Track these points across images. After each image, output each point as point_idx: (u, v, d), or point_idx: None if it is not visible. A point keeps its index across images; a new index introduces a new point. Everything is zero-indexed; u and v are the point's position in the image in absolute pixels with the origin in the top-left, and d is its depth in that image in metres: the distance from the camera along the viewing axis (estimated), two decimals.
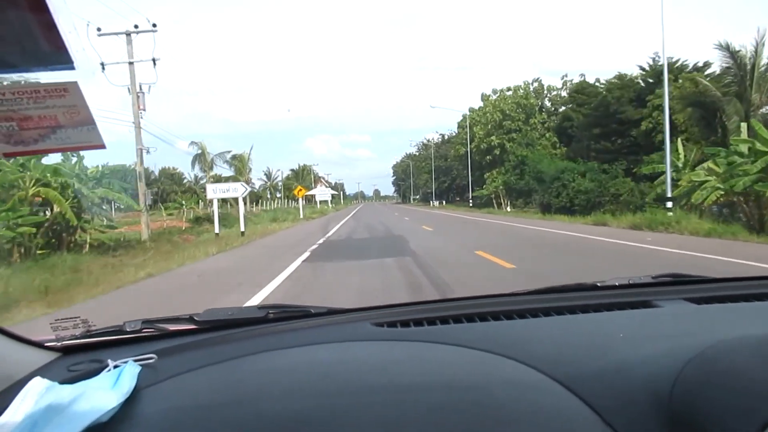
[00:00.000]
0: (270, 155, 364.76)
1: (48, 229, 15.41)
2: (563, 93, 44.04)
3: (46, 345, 1.02)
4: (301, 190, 35.44)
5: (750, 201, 13.17)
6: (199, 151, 41.24)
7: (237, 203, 50.15)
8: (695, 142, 21.29)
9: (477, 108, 47.49)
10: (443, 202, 68.60)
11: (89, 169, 17.16)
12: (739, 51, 18.88)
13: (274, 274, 7.90)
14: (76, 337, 1.07)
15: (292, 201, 57.09)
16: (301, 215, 34.25)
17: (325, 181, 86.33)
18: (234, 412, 0.75)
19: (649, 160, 24.45)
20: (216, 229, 19.08)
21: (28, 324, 5.11)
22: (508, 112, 42.04)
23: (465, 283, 6.48)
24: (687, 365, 0.74)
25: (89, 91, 0.84)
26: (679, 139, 20.13)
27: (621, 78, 31.87)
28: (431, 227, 19.82)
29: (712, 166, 16.84)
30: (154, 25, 19.37)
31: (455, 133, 61.90)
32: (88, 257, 13.85)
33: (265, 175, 75.51)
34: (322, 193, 55.00)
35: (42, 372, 0.90)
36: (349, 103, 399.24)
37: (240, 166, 51.95)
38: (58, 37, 0.64)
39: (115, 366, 0.87)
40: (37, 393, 0.72)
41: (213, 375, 0.90)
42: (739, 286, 1.30)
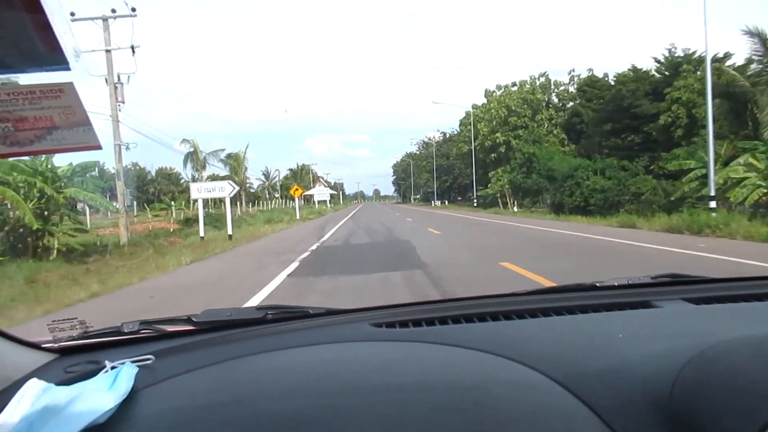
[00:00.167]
0: (270, 155, 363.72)
1: (9, 233, 13.91)
2: (571, 88, 42.14)
3: (43, 346, 1.01)
4: (297, 190, 33.66)
5: None
6: (191, 149, 39.25)
7: (233, 203, 48.81)
8: (724, 137, 19.61)
9: (480, 104, 45.72)
10: (445, 202, 66.55)
11: (61, 168, 15.61)
12: None
13: (247, 295, 6.15)
14: (74, 338, 1.06)
15: (290, 201, 55.66)
16: (297, 216, 32.45)
17: (324, 181, 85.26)
18: (232, 412, 0.75)
19: (669, 156, 22.79)
20: (201, 232, 17.34)
21: (25, 325, 4.99)
22: (513, 108, 39.99)
23: None
24: (686, 365, 0.74)
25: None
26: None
27: (635, 71, 30.10)
28: (438, 230, 17.82)
29: (752, 161, 15.19)
30: (133, 10, 17.77)
31: (457, 132, 60.18)
32: (52, 265, 12.50)
33: (263, 174, 74.52)
34: (321, 192, 54.12)
35: (39, 373, 0.88)
36: (349, 103, 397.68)
37: (235, 165, 50.33)
38: (54, 38, 0.64)
39: (113, 367, 0.86)
40: (34, 394, 0.72)
41: (211, 376, 0.89)
42: (739, 286, 1.29)
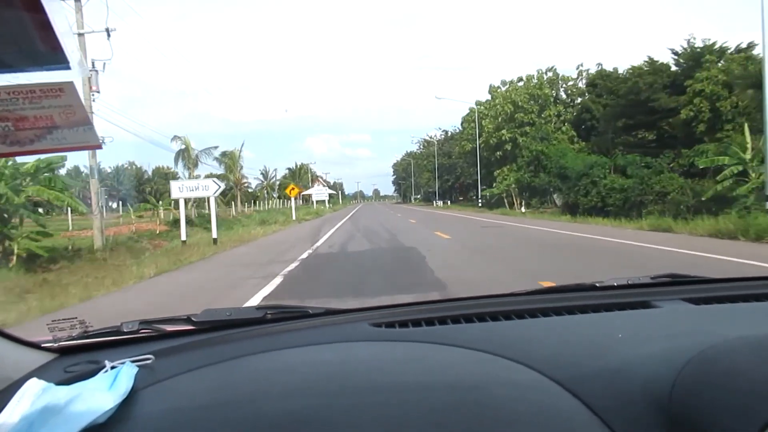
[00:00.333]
0: (270, 155, 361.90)
1: None
2: (580, 83, 40.38)
3: (42, 346, 1.01)
4: (293, 190, 31.91)
5: None
6: (183, 146, 37.53)
7: (227, 203, 46.47)
8: (758, 131, 17.87)
9: (484, 101, 43.94)
10: (448, 202, 64.68)
11: (27, 164, 13.87)
12: None
13: None
14: (73, 338, 1.06)
15: (288, 201, 54.02)
16: (293, 217, 30.72)
17: (323, 181, 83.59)
18: (232, 412, 0.75)
19: (692, 152, 21.08)
20: (182, 236, 15.59)
21: (25, 325, 4.97)
22: (520, 104, 38.19)
23: None
24: (686, 366, 0.74)
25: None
26: (746, 126, 16.70)
27: (651, 63, 28.36)
28: (447, 233, 15.87)
29: None
30: None
31: (459, 130, 58.44)
32: (7, 274, 10.82)
33: (261, 174, 72.88)
34: (319, 192, 52.53)
35: (38, 373, 0.88)
36: (349, 103, 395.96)
37: (230, 164, 48.62)
38: (54, 38, 0.64)
39: (112, 367, 0.86)
40: (34, 394, 0.72)
41: (211, 375, 0.89)
42: (738, 286, 1.29)
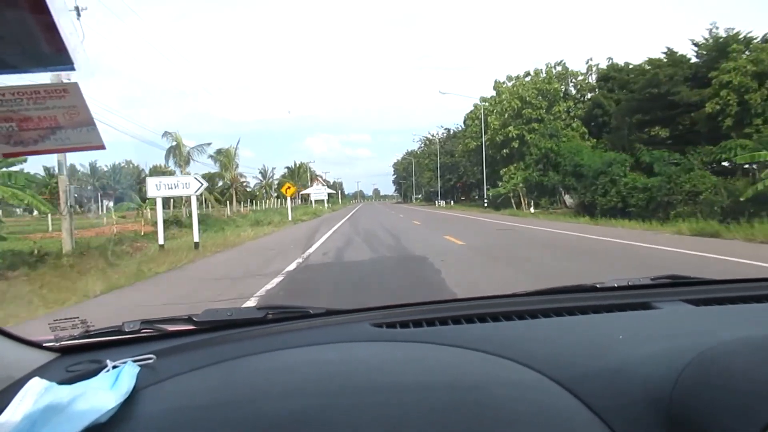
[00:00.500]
0: (270, 155, 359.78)
1: None
2: (589, 78, 38.56)
3: (44, 345, 1.01)
4: (289, 188, 30.07)
5: None
6: (173, 143, 35.75)
7: (224, 203, 44.37)
8: None
9: (489, 97, 42.14)
10: (451, 202, 62.78)
11: None
12: None
13: None
14: (75, 338, 1.05)
15: (288, 200, 52.25)
16: (289, 217, 28.94)
17: (323, 180, 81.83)
18: (233, 412, 0.74)
19: (718, 149, 19.33)
20: (160, 239, 13.83)
21: (27, 324, 4.93)
22: (528, 99, 36.42)
23: None
24: (686, 367, 0.73)
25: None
26: None
27: (671, 54, 26.58)
28: (458, 238, 13.76)
29: None
30: None
31: (461, 128, 56.59)
32: None
33: (260, 173, 71.12)
34: (318, 192, 50.83)
35: (40, 372, 0.88)
36: (349, 103, 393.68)
37: (226, 162, 46.82)
38: (59, 39, 0.64)
39: (114, 366, 0.86)
40: (36, 393, 0.71)
41: (212, 375, 0.89)
42: (738, 287, 1.28)
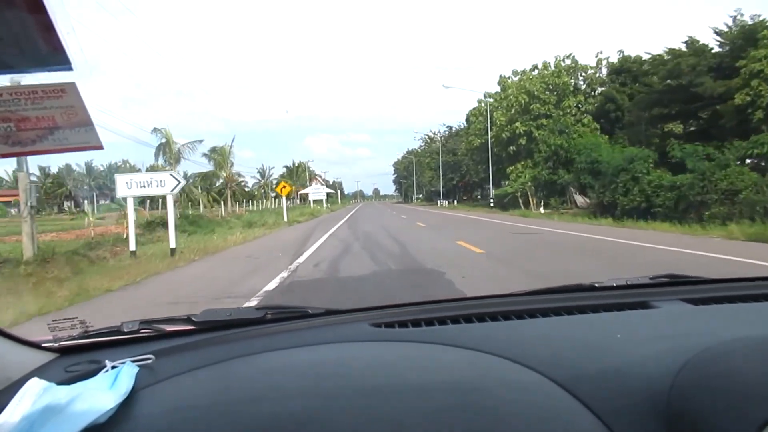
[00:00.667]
0: (270, 155, 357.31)
1: None
2: (599, 73, 36.80)
3: (43, 346, 1.00)
4: (285, 188, 28.28)
5: None
6: (163, 139, 34.01)
7: (219, 202, 42.51)
8: None
9: (494, 92, 40.41)
10: (454, 202, 60.99)
11: None
12: None
13: None
14: (74, 338, 1.05)
15: (287, 200, 50.68)
16: (284, 218, 27.19)
17: (322, 179, 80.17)
18: (232, 412, 0.74)
19: (749, 144, 17.63)
20: (131, 245, 12.06)
21: (25, 325, 4.85)
22: (536, 94, 34.68)
23: None
24: (684, 366, 0.73)
25: None
26: None
27: (692, 43, 24.85)
28: (474, 244, 11.58)
29: None
30: None
31: (464, 126, 54.87)
32: None
33: (258, 173, 69.56)
34: (316, 191, 49.22)
35: (39, 373, 0.88)
36: (349, 102, 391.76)
37: (220, 161, 45.13)
38: (56, 39, 0.64)
39: (113, 367, 0.85)
40: (35, 394, 0.71)
41: (211, 375, 0.88)
42: (737, 287, 1.28)
